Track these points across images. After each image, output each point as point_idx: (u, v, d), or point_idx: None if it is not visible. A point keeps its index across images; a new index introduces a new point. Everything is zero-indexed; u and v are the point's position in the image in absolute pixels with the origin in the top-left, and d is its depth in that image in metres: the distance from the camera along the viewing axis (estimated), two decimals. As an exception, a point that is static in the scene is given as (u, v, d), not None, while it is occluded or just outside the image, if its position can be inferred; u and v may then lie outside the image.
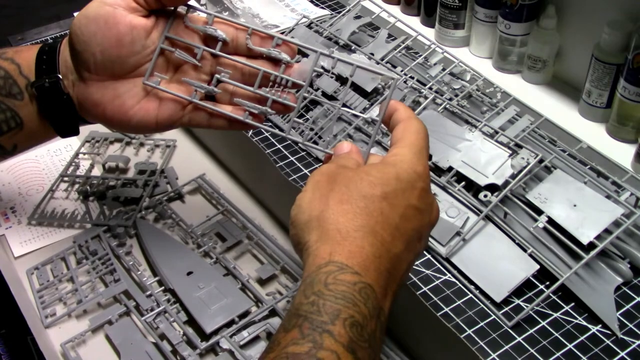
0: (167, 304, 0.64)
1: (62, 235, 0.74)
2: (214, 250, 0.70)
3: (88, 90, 0.56)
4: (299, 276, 0.66)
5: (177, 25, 0.56)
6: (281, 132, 0.56)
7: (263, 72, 0.55)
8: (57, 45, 0.57)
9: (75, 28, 0.54)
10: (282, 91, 0.55)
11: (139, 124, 0.56)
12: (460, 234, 0.69)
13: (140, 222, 0.73)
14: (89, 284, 0.67)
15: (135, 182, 0.79)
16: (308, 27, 0.98)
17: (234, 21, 0.55)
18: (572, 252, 0.65)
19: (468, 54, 1.02)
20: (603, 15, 0.82)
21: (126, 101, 0.55)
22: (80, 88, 0.56)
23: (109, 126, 0.60)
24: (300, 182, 0.78)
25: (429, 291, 0.66)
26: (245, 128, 0.58)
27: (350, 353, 0.40)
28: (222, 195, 0.76)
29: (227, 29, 0.55)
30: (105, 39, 0.53)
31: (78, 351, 0.61)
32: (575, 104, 0.90)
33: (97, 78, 0.55)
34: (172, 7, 0.55)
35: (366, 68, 0.53)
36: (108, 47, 0.53)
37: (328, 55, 0.54)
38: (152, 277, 0.67)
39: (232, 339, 0.60)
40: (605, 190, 0.69)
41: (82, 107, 0.57)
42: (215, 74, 0.56)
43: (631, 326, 0.62)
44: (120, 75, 0.55)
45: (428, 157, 0.50)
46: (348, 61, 0.53)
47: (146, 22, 0.54)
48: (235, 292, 0.64)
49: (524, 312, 0.63)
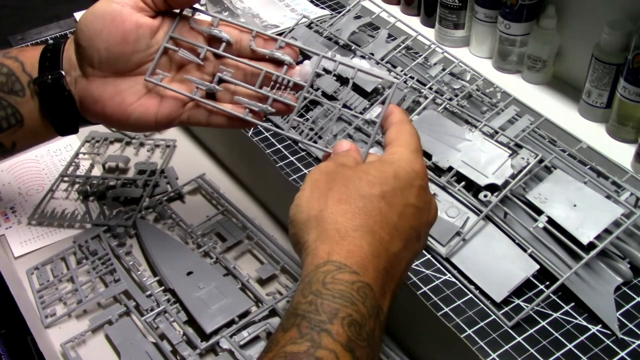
0: (167, 304, 0.64)
1: (62, 235, 0.74)
2: (214, 250, 0.70)
3: (89, 87, 0.56)
4: (299, 276, 0.66)
5: (182, 26, 0.56)
6: (280, 130, 0.57)
7: (265, 72, 0.55)
8: (61, 44, 0.58)
9: (82, 25, 0.55)
10: (282, 91, 0.55)
11: (138, 121, 0.56)
12: (460, 234, 0.69)
13: (140, 222, 0.73)
14: (89, 284, 0.67)
15: (135, 182, 0.79)
16: (308, 27, 0.98)
17: (238, 24, 0.56)
18: (572, 252, 0.65)
19: (468, 54, 1.02)
20: (603, 15, 0.82)
21: (126, 98, 0.56)
22: (81, 84, 0.56)
23: (108, 124, 0.60)
24: (300, 182, 0.78)
25: (429, 291, 0.66)
26: (245, 126, 0.58)
27: (349, 352, 0.40)
28: (222, 195, 0.76)
29: (231, 31, 0.56)
30: (111, 36, 0.54)
31: (78, 351, 0.61)
32: (575, 104, 0.90)
33: (99, 74, 0.55)
34: (179, 9, 0.56)
35: (367, 72, 0.53)
36: (113, 44, 0.54)
37: (330, 59, 0.54)
38: (152, 277, 0.67)
39: (232, 339, 0.60)
40: (605, 190, 0.69)
41: (83, 105, 0.57)
42: (218, 73, 0.56)
43: (631, 326, 0.62)
44: (123, 73, 0.56)
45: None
46: (349, 65, 0.53)
47: (152, 22, 0.55)
48: (235, 292, 0.64)
49: (524, 312, 0.63)
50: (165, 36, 0.56)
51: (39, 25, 1.11)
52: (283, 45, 0.55)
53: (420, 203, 0.48)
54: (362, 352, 0.40)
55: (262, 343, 0.61)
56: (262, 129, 0.86)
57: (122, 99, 0.56)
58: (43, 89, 0.57)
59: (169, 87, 0.56)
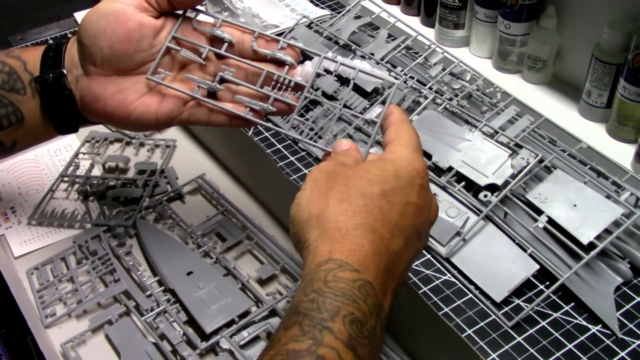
0: (167, 304, 0.64)
1: (62, 235, 0.74)
2: (214, 250, 0.70)
3: (91, 85, 0.56)
4: (299, 276, 0.66)
5: (184, 27, 0.57)
6: (280, 129, 0.57)
7: (266, 72, 0.55)
8: (63, 44, 0.58)
9: (85, 23, 0.55)
10: (284, 91, 0.56)
11: (139, 120, 0.56)
12: (460, 234, 0.69)
13: (140, 222, 0.73)
14: (89, 284, 0.67)
15: (135, 182, 0.79)
16: (308, 27, 0.98)
17: (240, 25, 0.57)
18: (572, 252, 0.65)
19: (468, 54, 1.02)
20: (603, 15, 0.82)
21: (128, 96, 0.56)
22: (83, 83, 0.56)
23: (109, 122, 0.60)
24: (300, 182, 0.78)
25: (429, 291, 0.66)
26: (245, 125, 0.58)
27: (350, 350, 0.40)
28: (222, 195, 0.76)
29: (233, 32, 0.56)
30: (114, 34, 0.54)
31: (78, 351, 0.61)
32: (575, 104, 0.90)
33: (101, 72, 0.56)
34: (182, 9, 0.56)
35: (368, 73, 0.54)
36: (116, 42, 0.54)
37: (331, 60, 0.54)
38: (152, 277, 0.67)
39: (232, 339, 0.60)
40: (605, 190, 0.69)
41: (83, 103, 0.57)
42: (219, 72, 0.56)
43: (631, 326, 0.62)
44: (125, 71, 0.56)
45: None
46: (350, 65, 0.54)
47: (156, 22, 0.55)
48: (235, 292, 0.64)
49: (524, 312, 0.63)
50: (168, 36, 0.56)
51: (39, 25, 1.11)
52: (285, 46, 0.56)
53: (421, 202, 0.48)
54: (363, 350, 0.40)
55: (262, 343, 0.61)
56: (263, 129, 0.86)
57: (123, 97, 0.56)
58: (44, 87, 0.57)
59: (170, 86, 0.56)
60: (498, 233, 0.69)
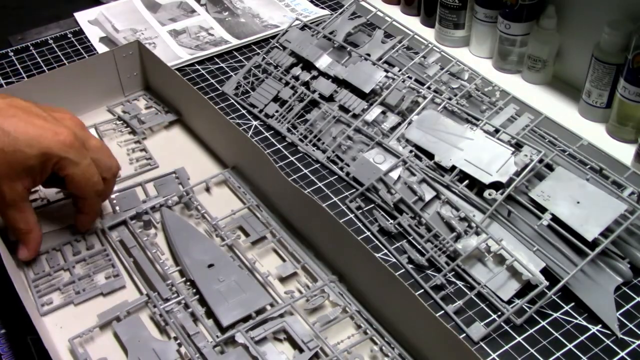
0: (186, 294, 0.64)
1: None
2: (236, 244, 0.70)
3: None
4: (319, 276, 0.66)
5: None
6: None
7: None
8: None
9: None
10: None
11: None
12: (467, 232, 0.69)
13: (166, 212, 0.73)
14: (87, 279, 0.67)
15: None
16: (302, 29, 0.97)
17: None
18: (575, 250, 0.65)
19: (468, 54, 1.02)
20: (603, 15, 0.82)
21: None
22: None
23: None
24: (300, 182, 0.78)
25: (429, 291, 0.66)
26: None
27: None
28: (247, 191, 0.76)
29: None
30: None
31: (86, 347, 0.61)
32: (575, 104, 0.90)
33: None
34: None
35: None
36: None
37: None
38: (174, 267, 0.67)
39: (248, 334, 0.60)
40: (607, 187, 0.69)
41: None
42: None
43: (631, 326, 0.62)
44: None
45: None
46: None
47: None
48: (255, 287, 0.64)
49: (526, 314, 0.62)
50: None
51: (39, 25, 1.11)
52: None
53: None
54: None
55: (276, 342, 0.61)
56: (262, 129, 0.86)
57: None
58: None
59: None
60: (502, 231, 0.68)
